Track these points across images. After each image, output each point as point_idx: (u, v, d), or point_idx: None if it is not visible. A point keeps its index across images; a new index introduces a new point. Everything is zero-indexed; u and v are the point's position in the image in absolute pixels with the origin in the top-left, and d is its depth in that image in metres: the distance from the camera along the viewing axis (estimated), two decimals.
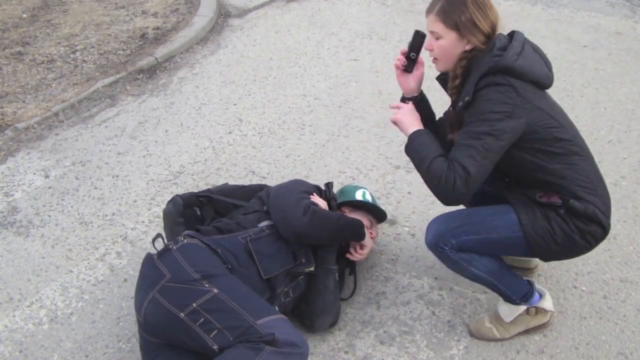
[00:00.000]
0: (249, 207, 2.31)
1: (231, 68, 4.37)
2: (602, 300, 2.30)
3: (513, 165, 1.87)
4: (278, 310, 2.01)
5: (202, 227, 2.19)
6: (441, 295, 2.36)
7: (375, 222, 2.48)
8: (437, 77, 2.12)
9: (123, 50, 4.59)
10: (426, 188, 1.86)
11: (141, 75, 4.30)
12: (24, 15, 5.29)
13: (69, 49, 4.62)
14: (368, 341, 2.18)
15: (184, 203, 2.34)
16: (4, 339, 2.27)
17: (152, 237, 2.03)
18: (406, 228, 2.72)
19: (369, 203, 2.44)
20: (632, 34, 4.60)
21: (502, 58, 1.77)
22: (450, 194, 1.76)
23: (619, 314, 2.23)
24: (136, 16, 5.21)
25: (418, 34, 1.98)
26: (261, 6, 5.48)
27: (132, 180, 3.17)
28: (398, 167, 3.15)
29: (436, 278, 2.43)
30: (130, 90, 4.15)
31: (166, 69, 4.41)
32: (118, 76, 4.19)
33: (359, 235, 2.27)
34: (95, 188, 3.13)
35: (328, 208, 2.30)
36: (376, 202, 2.49)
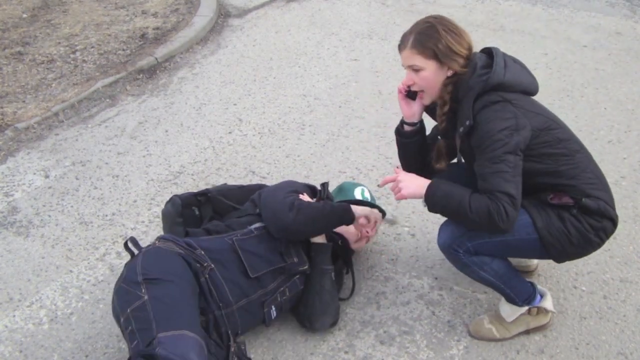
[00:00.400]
0: (243, 211, 2.32)
1: (231, 68, 4.37)
2: (602, 300, 2.30)
3: (526, 174, 1.84)
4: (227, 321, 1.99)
5: (191, 230, 2.22)
6: (441, 295, 2.36)
7: (373, 220, 2.44)
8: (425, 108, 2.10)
9: (123, 50, 4.59)
10: None
11: (141, 75, 4.30)
12: (24, 15, 5.29)
13: (69, 49, 4.62)
14: (368, 341, 2.18)
15: (183, 203, 2.35)
16: (4, 339, 2.27)
17: (125, 240, 2.08)
18: (406, 228, 2.72)
19: (368, 202, 2.44)
20: (632, 34, 4.60)
21: (492, 76, 1.79)
22: (505, 223, 1.73)
23: (619, 314, 2.23)
24: (136, 16, 5.21)
25: None
26: (261, 6, 5.49)
27: (132, 180, 3.17)
28: (398, 167, 3.14)
29: (436, 278, 2.43)
30: (130, 90, 4.15)
31: (166, 69, 4.41)
32: (118, 76, 4.19)
33: (347, 219, 2.21)
34: (95, 188, 3.13)
35: None
36: (375, 200, 2.49)
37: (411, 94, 2.04)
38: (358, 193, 2.45)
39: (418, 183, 1.90)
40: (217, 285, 1.99)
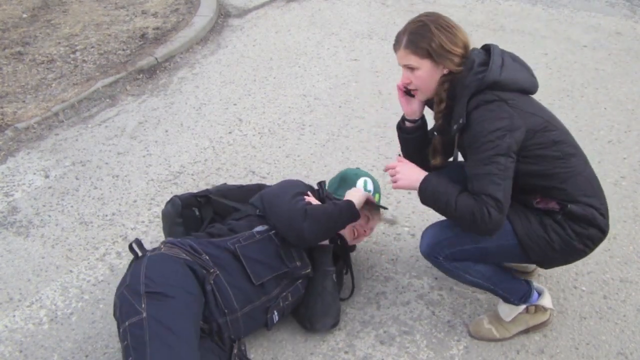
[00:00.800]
0: (243, 212, 2.29)
1: (231, 68, 4.37)
2: (602, 300, 2.30)
3: (519, 175, 1.83)
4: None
5: (194, 234, 2.19)
6: (441, 295, 2.36)
7: (372, 217, 2.40)
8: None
9: (123, 50, 4.59)
10: None
11: (141, 75, 4.30)
12: (24, 15, 5.29)
13: (69, 49, 4.62)
14: (368, 341, 2.18)
15: (183, 204, 2.33)
16: (4, 339, 2.27)
17: (130, 242, 2.03)
18: (406, 228, 2.72)
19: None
20: (632, 34, 4.60)
21: (487, 74, 1.77)
22: (486, 226, 1.73)
23: (619, 314, 2.23)
24: (136, 16, 5.21)
25: None
26: (261, 6, 5.49)
27: (132, 180, 3.17)
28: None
29: (436, 278, 2.43)
30: (130, 90, 4.15)
31: (166, 69, 4.41)
32: (118, 76, 4.19)
33: (354, 216, 2.17)
34: (95, 188, 3.13)
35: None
36: (379, 189, 2.47)
37: (410, 91, 2.04)
38: (360, 184, 2.41)
39: (414, 176, 1.91)
40: (222, 291, 1.97)
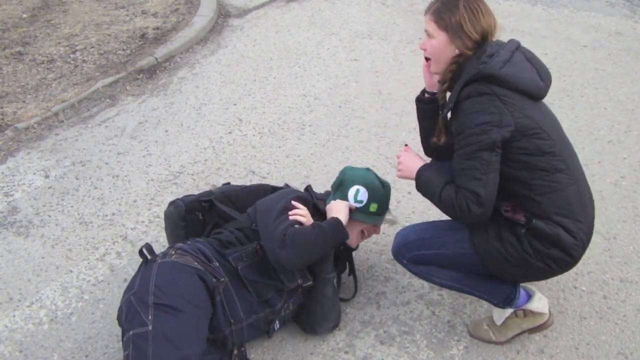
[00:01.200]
0: (240, 223, 2.20)
1: (231, 68, 4.37)
2: (602, 300, 2.30)
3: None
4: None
5: (205, 239, 2.15)
6: (441, 295, 2.36)
7: (372, 228, 2.30)
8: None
9: (123, 50, 4.59)
10: None
11: (141, 75, 4.30)
12: (24, 15, 5.29)
13: (69, 49, 4.62)
14: (368, 341, 2.18)
15: (187, 208, 2.28)
16: (4, 339, 2.27)
17: (141, 247, 2.02)
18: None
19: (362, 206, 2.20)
20: (632, 34, 4.60)
21: (487, 65, 1.74)
22: (468, 218, 1.76)
23: (619, 314, 2.23)
24: (136, 16, 5.21)
25: None
26: (261, 6, 5.49)
27: (132, 180, 3.17)
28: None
29: None
30: (130, 90, 4.15)
31: (166, 69, 4.41)
32: (118, 76, 4.19)
33: (342, 236, 2.06)
34: (95, 188, 3.13)
35: (315, 211, 2.20)
36: (379, 198, 2.21)
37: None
38: (352, 195, 2.19)
39: (413, 166, 1.98)
40: (230, 300, 1.97)
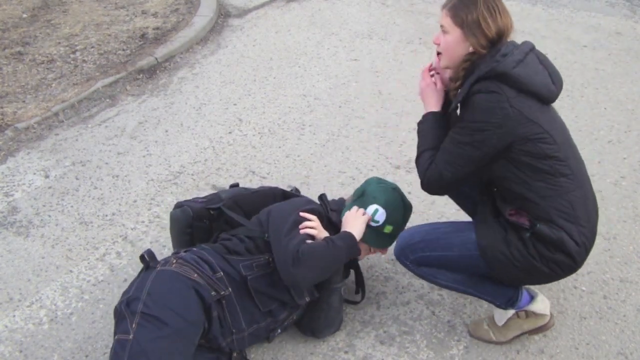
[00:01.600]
0: (251, 231, 2.13)
1: (231, 68, 4.37)
2: (602, 300, 2.30)
3: (499, 175, 1.82)
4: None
5: (211, 245, 2.09)
6: (441, 295, 2.36)
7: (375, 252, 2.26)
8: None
9: (123, 50, 4.59)
10: None
11: (141, 75, 4.30)
12: (24, 15, 5.29)
13: (69, 49, 4.62)
14: (368, 341, 2.18)
15: (194, 215, 2.21)
16: (4, 339, 2.27)
17: (142, 252, 1.99)
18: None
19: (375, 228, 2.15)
20: (632, 34, 4.60)
21: (500, 64, 1.73)
22: (427, 188, 1.92)
23: (619, 314, 2.23)
24: (136, 16, 5.21)
25: None
26: (261, 6, 5.49)
27: (132, 180, 3.17)
28: (398, 167, 3.15)
29: None
30: (130, 90, 4.15)
31: (166, 69, 4.41)
32: (118, 76, 4.19)
33: (355, 252, 2.05)
34: (95, 188, 3.13)
35: (328, 223, 2.16)
36: (396, 221, 2.16)
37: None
38: (370, 211, 2.12)
39: (430, 102, 2.00)
40: (233, 311, 1.94)
